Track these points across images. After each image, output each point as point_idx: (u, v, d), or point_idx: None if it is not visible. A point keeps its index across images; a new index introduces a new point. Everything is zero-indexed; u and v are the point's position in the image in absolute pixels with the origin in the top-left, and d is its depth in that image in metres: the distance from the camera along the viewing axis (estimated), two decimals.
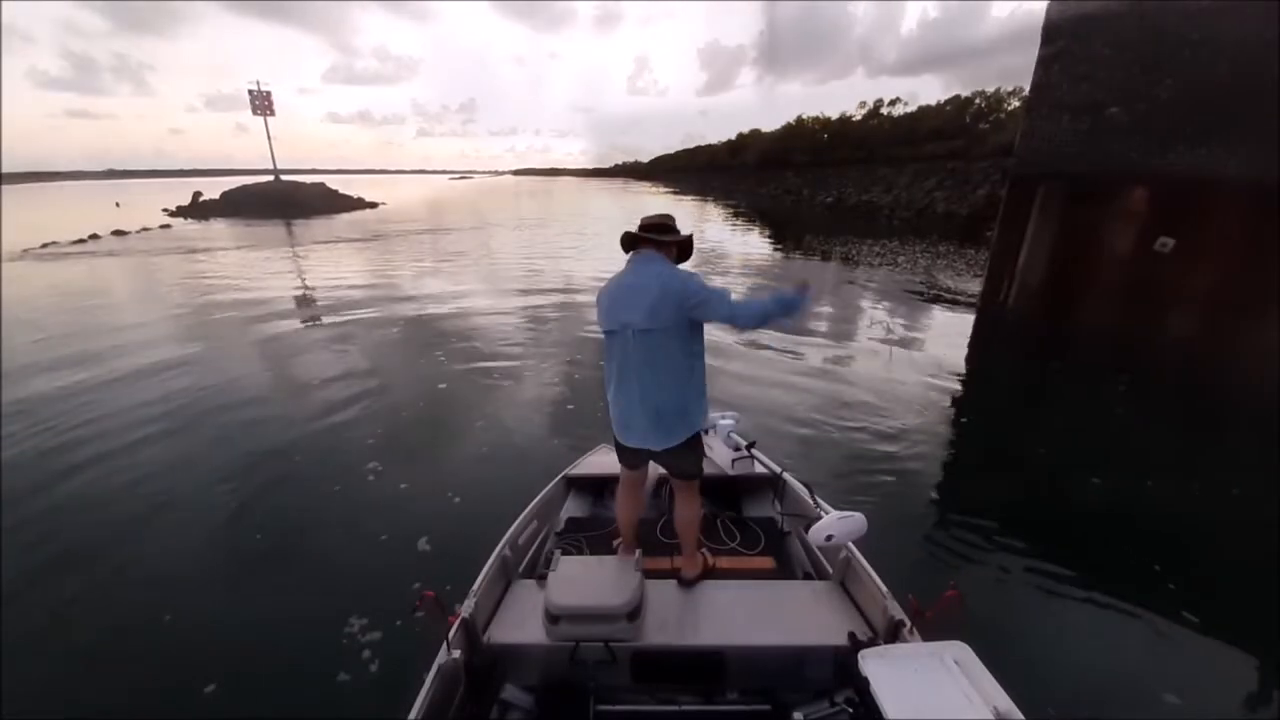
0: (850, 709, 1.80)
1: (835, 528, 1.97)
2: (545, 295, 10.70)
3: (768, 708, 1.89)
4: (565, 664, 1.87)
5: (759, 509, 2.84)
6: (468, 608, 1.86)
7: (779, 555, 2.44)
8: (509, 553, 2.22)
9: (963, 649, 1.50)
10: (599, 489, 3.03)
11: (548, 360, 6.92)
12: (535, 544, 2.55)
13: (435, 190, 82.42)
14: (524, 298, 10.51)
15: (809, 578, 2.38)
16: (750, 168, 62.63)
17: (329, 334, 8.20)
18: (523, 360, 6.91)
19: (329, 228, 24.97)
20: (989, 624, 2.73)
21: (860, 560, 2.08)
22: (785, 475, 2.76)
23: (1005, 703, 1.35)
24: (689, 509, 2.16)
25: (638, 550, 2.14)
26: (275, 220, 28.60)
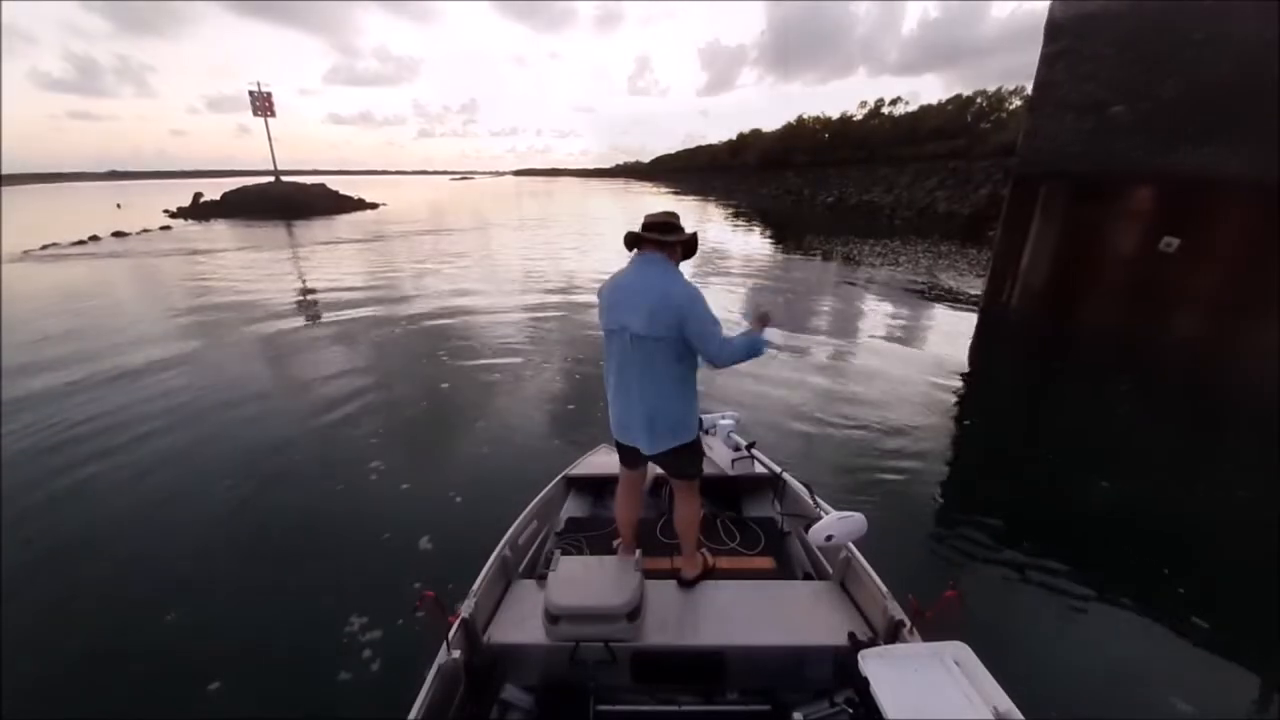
0: (850, 709, 1.80)
1: (835, 528, 1.97)
2: (546, 295, 10.70)
3: (768, 708, 1.89)
4: (565, 664, 1.87)
5: (759, 509, 2.84)
6: (468, 608, 1.87)
7: (779, 555, 2.44)
8: (509, 553, 2.23)
9: (963, 649, 1.50)
10: (599, 489, 3.03)
11: (548, 360, 6.93)
12: (535, 544, 2.55)
13: (436, 191, 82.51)
14: (525, 298, 10.52)
15: (809, 578, 2.38)
16: (751, 168, 62.62)
17: (331, 334, 8.21)
18: (524, 360, 6.91)
19: (330, 229, 25.00)
20: (989, 624, 2.73)
21: (860, 560, 2.08)
22: (785, 475, 2.76)
23: (1005, 703, 1.35)
24: (689, 509, 2.16)
25: (638, 550, 2.14)
26: (276, 221, 28.62)
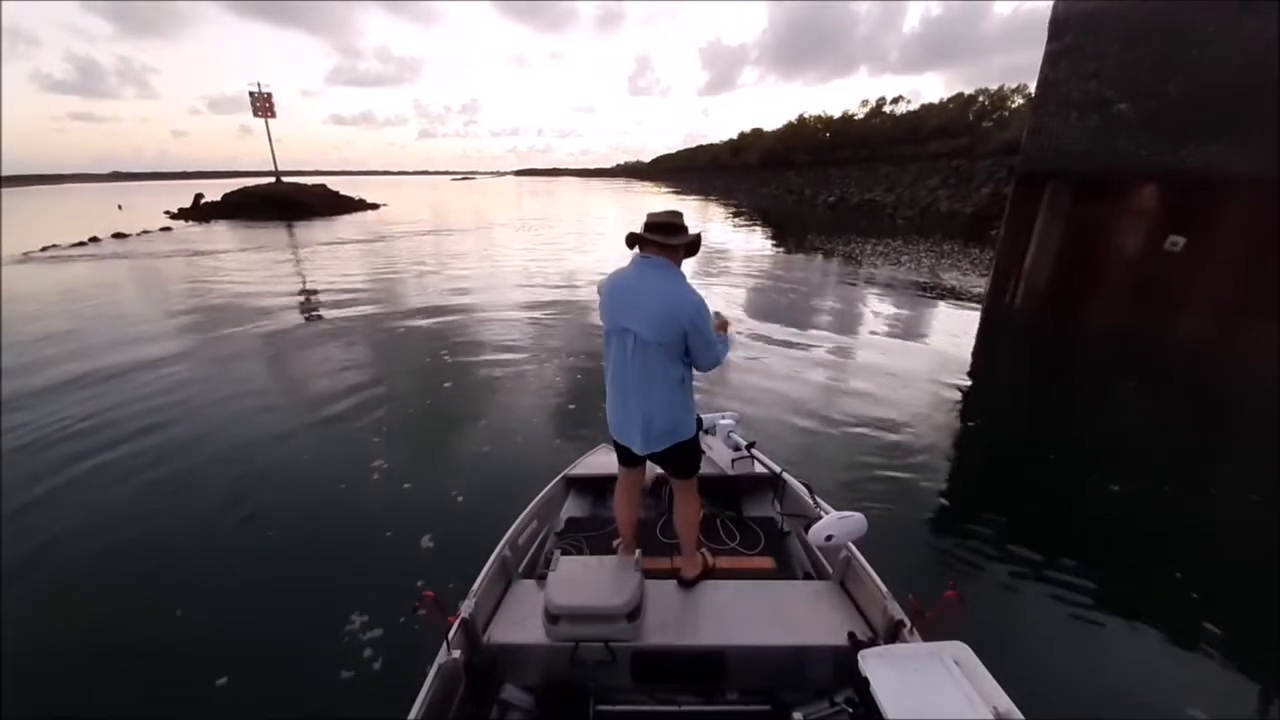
0: (850, 709, 1.80)
1: (835, 528, 1.97)
2: (547, 294, 10.71)
3: (768, 708, 1.89)
4: (565, 664, 1.87)
5: (759, 509, 2.84)
6: (468, 608, 1.87)
7: (779, 555, 2.44)
8: (509, 553, 2.23)
9: (963, 649, 1.50)
10: (599, 489, 3.03)
11: (549, 359, 6.94)
12: (535, 544, 2.55)
13: (437, 191, 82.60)
14: (526, 297, 10.53)
15: (809, 578, 2.38)
16: (752, 167, 62.59)
17: (333, 334, 8.22)
18: (525, 359, 6.92)
19: (330, 229, 25.02)
20: (989, 624, 2.73)
21: (860, 560, 2.07)
22: (785, 475, 2.75)
23: (1005, 703, 1.34)
24: (688, 509, 2.16)
25: (637, 550, 2.14)
26: (276, 222, 28.66)
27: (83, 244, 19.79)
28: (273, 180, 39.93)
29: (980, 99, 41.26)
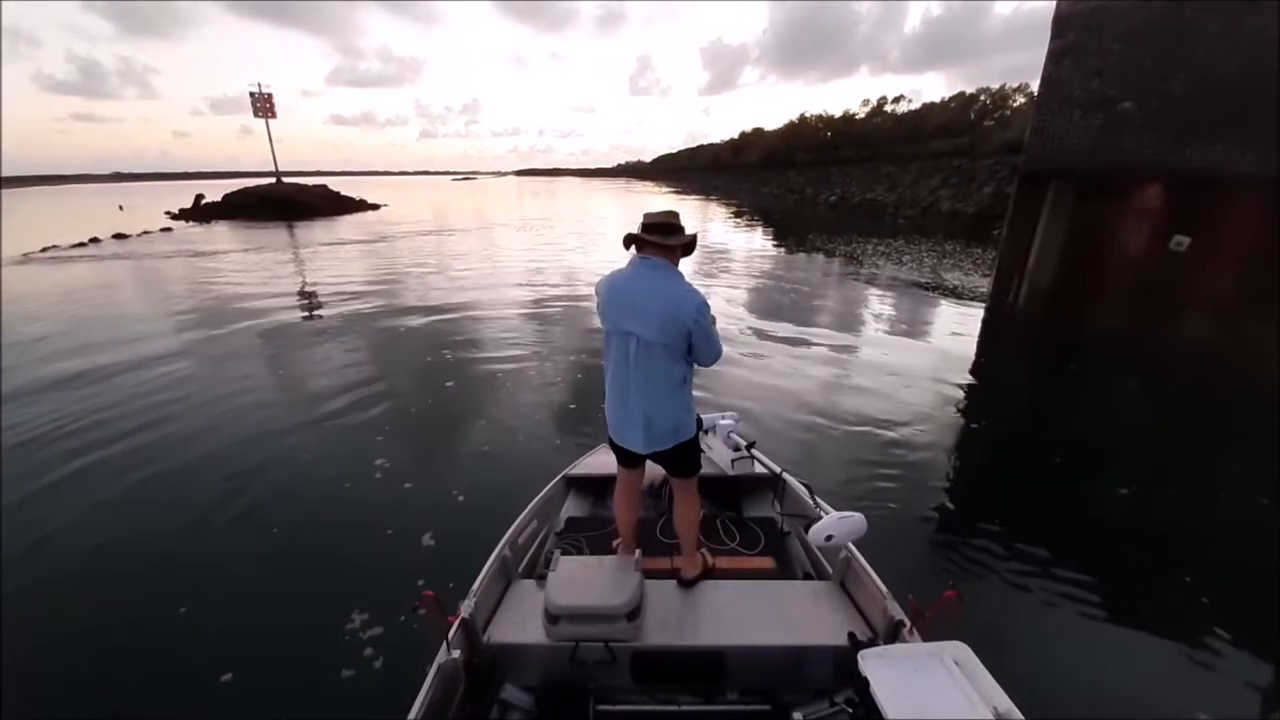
0: (850, 709, 1.80)
1: (835, 528, 1.98)
2: (549, 295, 10.71)
3: (768, 708, 1.89)
4: (565, 664, 1.87)
5: (759, 509, 2.84)
6: (468, 608, 1.87)
7: (779, 555, 2.44)
8: (509, 553, 2.23)
9: (963, 649, 1.50)
10: (599, 489, 3.03)
11: (551, 358, 6.94)
12: (535, 544, 2.55)
13: (438, 191, 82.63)
14: (528, 297, 10.53)
15: (809, 578, 2.38)
16: (753, 167, 62.51)
17: (335, 334, 8.22)
18: (527, 358, 6.93)
19: (331, 230, 25.02)
20: (989, 624, 2.73)
21: (860, 560, 2.07)
22: (785, 475, 2.75)
23: (1005, 703, 1.34)
24: (688, 509, 2.16)
25: (637, 550, 2.14)
26: (277, 223, 28.67)
27: (83, 245, 19.79)
28: (273, 181, 39.99)
29: (982, 98, 41.18)
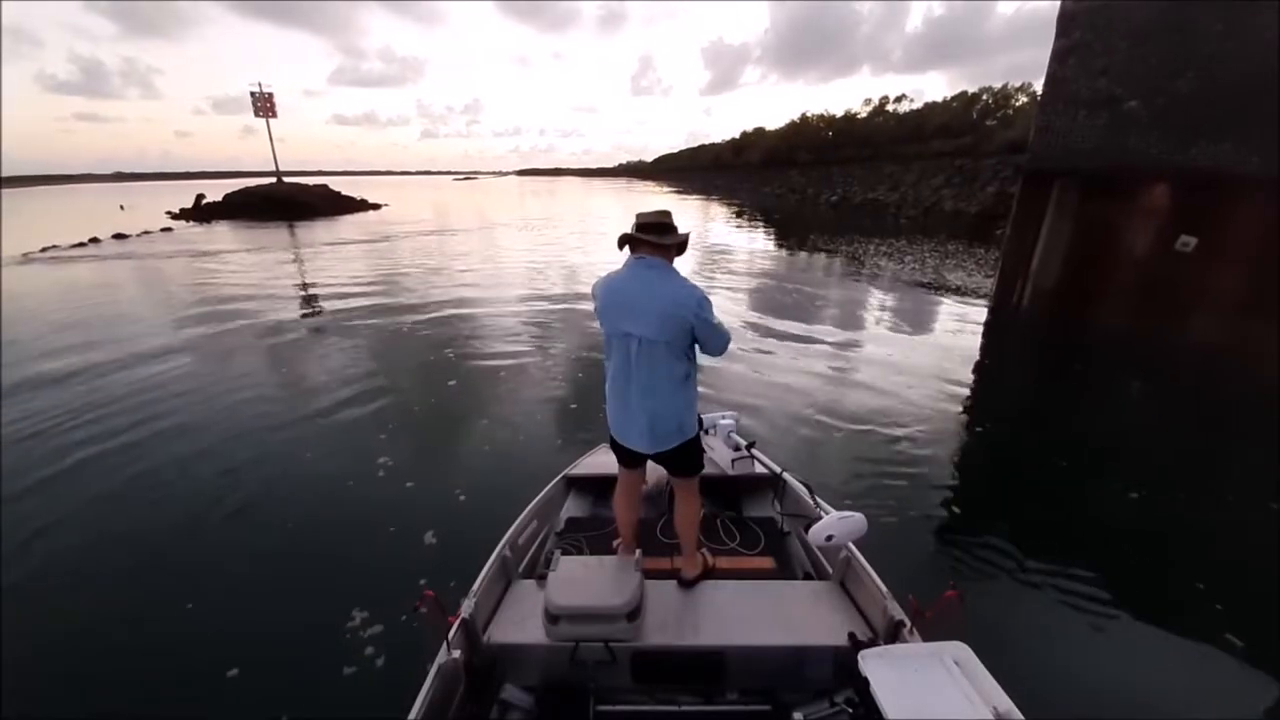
0: (850, 709, 1.80)
1: (835, 528, 1.98)
2: (550, 294, 10.73)
3: (768, 708, 1.89)
4: (565, 664, 1.87)
5: (759, 509, 2.84)
6: (468, 608, 1.87)
7: (779, 555, 2.44)
8: (509, 553, 2.23)
9: (963, 649, 1.50)
10: (599, 489, 3.03)
11: (552, 358, 6.95)
12: (535, 544, 2.55)
13: (439, 191, 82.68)
14: (530, 296, 10.54)
15: (809, 578, 2.38)
16: (754, 166, 62.44)
17: (337, 334, 8.23)
18: (529, 358, 6.94)
19: (332, 230, 25.04)
20: (989, 624, 2.72)
21: (860, 560, 2.07)
22: (785, 475, 2.75)
23: (1005, 703, 1.34)
24: (689, 508, 2.16)
25: (638, 550, 2.14)
26: (278, 223, 28.69)
27: (82, 245, 19.79)
28: (274, 180, 40.04)
29: (984, 98, 41.10)
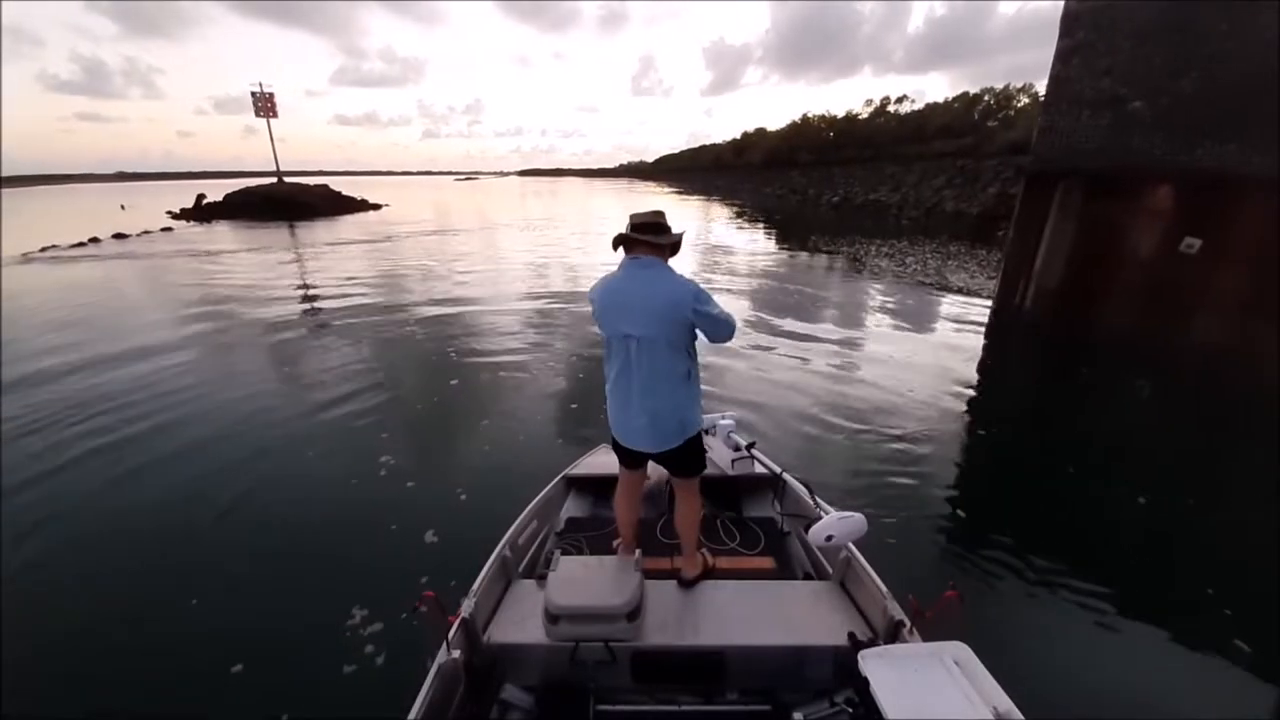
0: (850, 709, 1.80)
1: (835, 528, 1.98)
2: (552, 294, 10.73)
3: (768, 708, 1.89)
4: (565, 664, 1.87)
5: (759, 509, 2.84)
6: (468, 608, 1.87)
7: (779, 555, 2.44)
8: (509, 553, 2.23)
9: (963, 649, 1.50)
10: (599, 489, 3.03)
11: (553, 358, 6.96)
12: (535, 544, 2.55)
13: (440, 191, 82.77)
14: (531, 296, 10.56)
15: (809, 578, 2.38)
16: (755, 167, 62.46)
17: (338, 333, 8.24)
18: (530, 358, 6.94)
19: (333, 230, 25.05)
20: (989, 624, 2.72)
21: (860, 560, 2.07)
22: (785, 475, 2.75)
23: (1005, 703, 1.34)
24: (690, 508, 2.16)
25: (638, 550, 2.14)
26: (278, 223, 28.69)
27: (82, 244, 19.78)
28: (275, 180, 40.08)
29: (985, 98, 41.07)
